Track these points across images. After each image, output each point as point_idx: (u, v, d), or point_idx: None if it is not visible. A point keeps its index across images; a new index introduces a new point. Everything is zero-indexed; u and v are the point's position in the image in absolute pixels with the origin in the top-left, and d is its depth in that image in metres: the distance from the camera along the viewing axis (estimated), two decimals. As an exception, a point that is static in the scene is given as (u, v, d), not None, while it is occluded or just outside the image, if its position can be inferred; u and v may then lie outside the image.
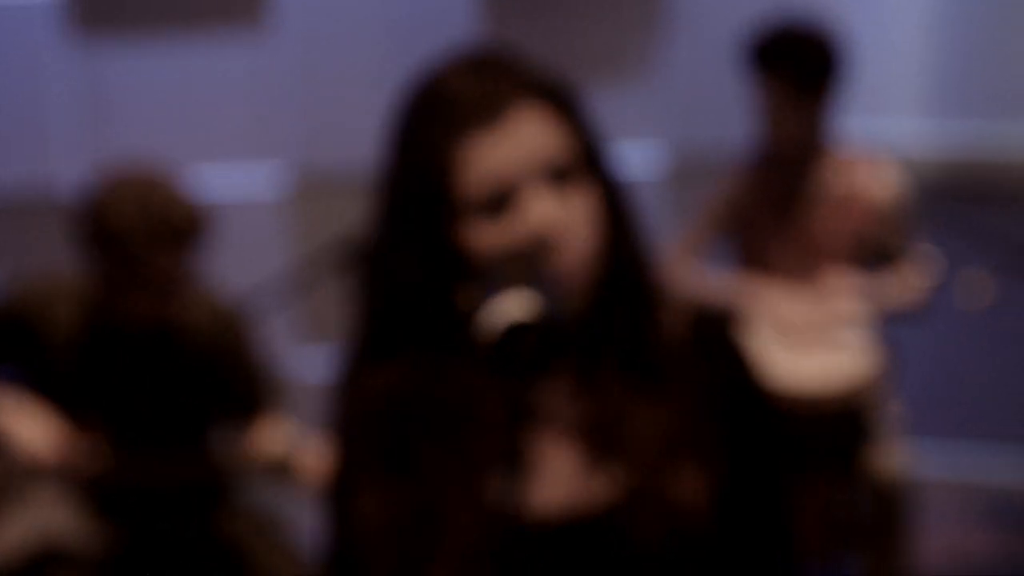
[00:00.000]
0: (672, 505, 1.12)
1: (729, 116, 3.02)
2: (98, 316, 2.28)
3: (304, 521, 2.59)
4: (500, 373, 1.05)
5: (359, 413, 1.18)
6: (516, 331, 1.05)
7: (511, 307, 1.04)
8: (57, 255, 2.47)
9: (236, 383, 2.40)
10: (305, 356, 3.11)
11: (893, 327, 2.81)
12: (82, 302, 2.29)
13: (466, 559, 1.11)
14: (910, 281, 2.76)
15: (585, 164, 1.11)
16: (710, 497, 1.12)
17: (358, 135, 3.12)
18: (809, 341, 2.64)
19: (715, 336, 1.17)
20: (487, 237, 1.08)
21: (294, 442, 2.35)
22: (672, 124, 3.34)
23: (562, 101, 1.12)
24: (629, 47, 3.33)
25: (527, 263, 1.08)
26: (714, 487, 1.13)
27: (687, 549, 1.12)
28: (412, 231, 1.11)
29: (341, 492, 1.18)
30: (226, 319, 2.39)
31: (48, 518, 2.22)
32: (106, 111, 3.11)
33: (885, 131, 3.32)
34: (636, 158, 3.28)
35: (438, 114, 1.09)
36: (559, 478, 1.14)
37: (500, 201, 1.08)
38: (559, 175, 1.09)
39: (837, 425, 2.58)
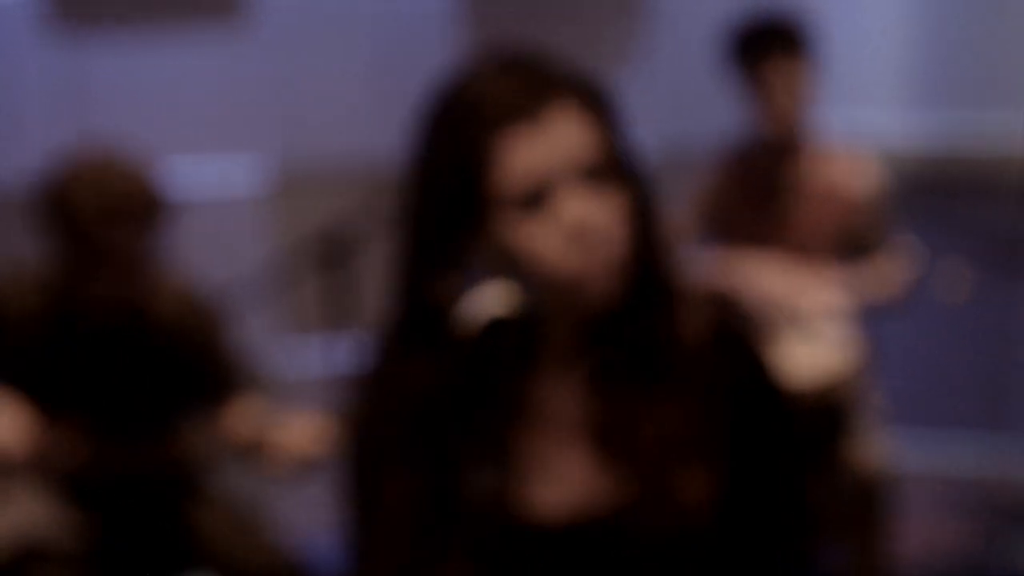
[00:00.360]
0: (680, 507, 1.12)
1: (711, 110, 3.02)
2: (62, 303, 2.27)
3: (279, 508, 2.58)
4: (481, 368, 1.05)
5: (386, 406, 1.19)
6: (496, 326, 1.04)
7: (490, 301, 1.04)
8: (35, 250, 2.45)
9: (206, 368, 2.40)
10: (286, 349, 3.10)
11: (872, 319, 2.82)
12: (45, 291, 2.28)
13: (470, 558, 1.11)
14: (889, 273, 2.77)
15: (616, 164, 1.12)
16: (718, 499, 1.13)
17: (338, 129, 3.12)
18: (789, 333, 2.65)
19: (734, 337, 1.17)
20: (522, 235, 1.08)
21: (268, 425, 2.35)
22: (652, 119, 3.34)
23: (595, 101, 1.12)
24: (609, 42, 3.32)
25: (507, 256, 1.09)
26: (722, 489, 1.13)
27: (694, 551, 1.12)
28: (445, 228, 1.12)
29: (363, 484, 1.19)
30: (194, 304, 2.38)
31: (26, 514, 2.20)
32: (85, 106, 3.09)
33: (864, 122, 3.33)
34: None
35: (474, 112, 1.09)
36: (568, 479, 1.14)
37: (536, 198, 1.08)
38: (593, 174, 1.09)
39: (817, 417, 2.59)
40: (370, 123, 3.19)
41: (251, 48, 3.17)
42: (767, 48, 2.68)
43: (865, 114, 3.36)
